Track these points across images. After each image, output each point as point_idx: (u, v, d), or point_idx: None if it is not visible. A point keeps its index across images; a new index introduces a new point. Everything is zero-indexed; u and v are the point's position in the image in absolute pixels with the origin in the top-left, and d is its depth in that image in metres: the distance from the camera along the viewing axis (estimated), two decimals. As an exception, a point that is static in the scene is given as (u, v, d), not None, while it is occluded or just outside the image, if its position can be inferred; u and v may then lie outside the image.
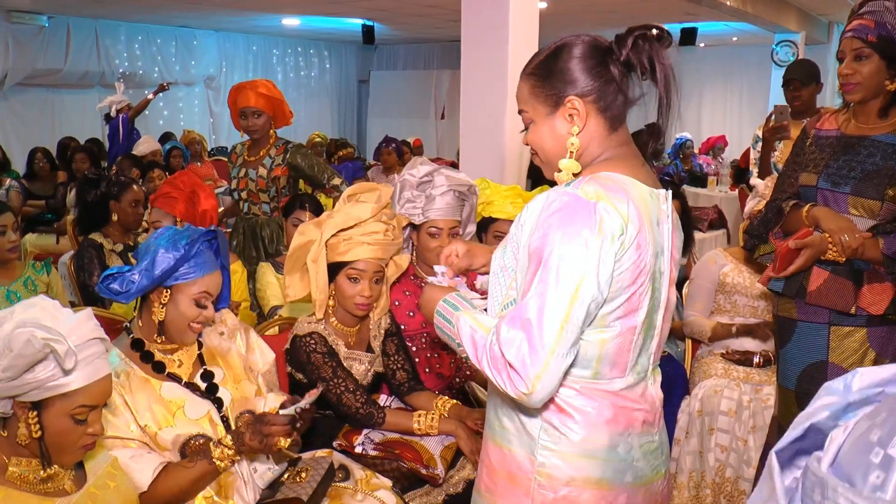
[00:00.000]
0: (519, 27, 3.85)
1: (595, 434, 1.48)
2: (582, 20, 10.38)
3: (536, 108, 1.51)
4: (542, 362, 1.34)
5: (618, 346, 1.47)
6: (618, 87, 1.47)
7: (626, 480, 1.52)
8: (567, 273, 1.35)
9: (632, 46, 1.45)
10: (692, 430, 3.20)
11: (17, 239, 3.16)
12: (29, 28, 9.62)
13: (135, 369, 1.99)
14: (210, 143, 11.33)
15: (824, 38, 10.92)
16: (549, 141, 1.52)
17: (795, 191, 2.53)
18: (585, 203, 1.37)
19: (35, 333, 1.42)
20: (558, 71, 1.47)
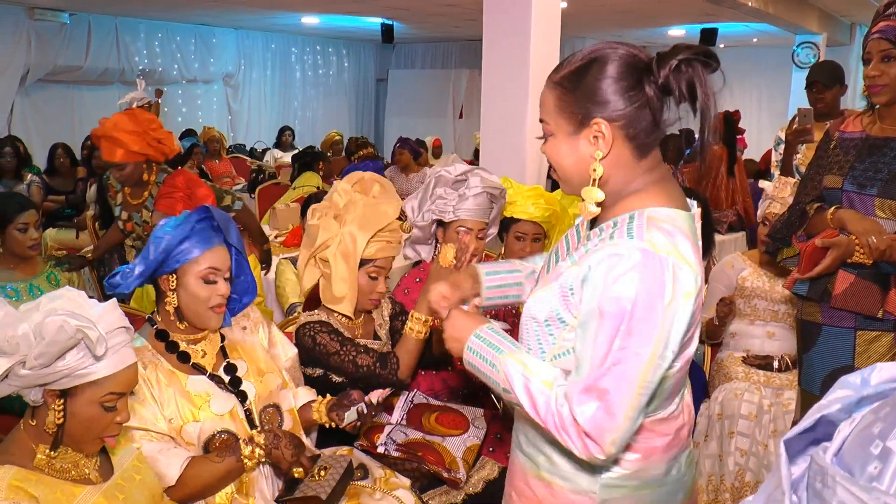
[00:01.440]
0: (541, 27, 3.84)
1: (652, 464, 1.48)
2: (602, 20, 10.33)
3: (559, 123, 1.40)
4: (618, 427, 1.30)
5: (676, 380, 1.45)
6: (651, 113, 1.35)
7: (679, 499, 1.54)
8: (645, 339, 1.28)
9: (674, 70, 1.31)
10: (711, 434, 3.18)
11: (39, 236, 3.18)
12: (51, 25, 9.70)
13: (161, 361, 2.00)
14: (228, 140, 11.38)
15: (846, 39, 10.83)
16: (568, 159, 1.41)
17: (819, 193, 2.50)
18: (659, 260, 1.29)
19: (67, 320, 1.44)
20: (588, 87, 1.35)
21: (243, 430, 2.02)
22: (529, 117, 3.84)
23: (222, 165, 8.34)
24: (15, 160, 6.34)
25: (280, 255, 4.30)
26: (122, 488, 1.68)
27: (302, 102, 13.59)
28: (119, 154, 3.45)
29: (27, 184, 6.27)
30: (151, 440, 1.89)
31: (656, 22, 10.54)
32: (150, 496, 1.74)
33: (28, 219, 3.11)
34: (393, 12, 10.21)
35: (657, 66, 1.32)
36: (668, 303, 1.28)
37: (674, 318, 1.29)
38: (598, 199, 1.38)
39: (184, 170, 3.75)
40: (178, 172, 3.54)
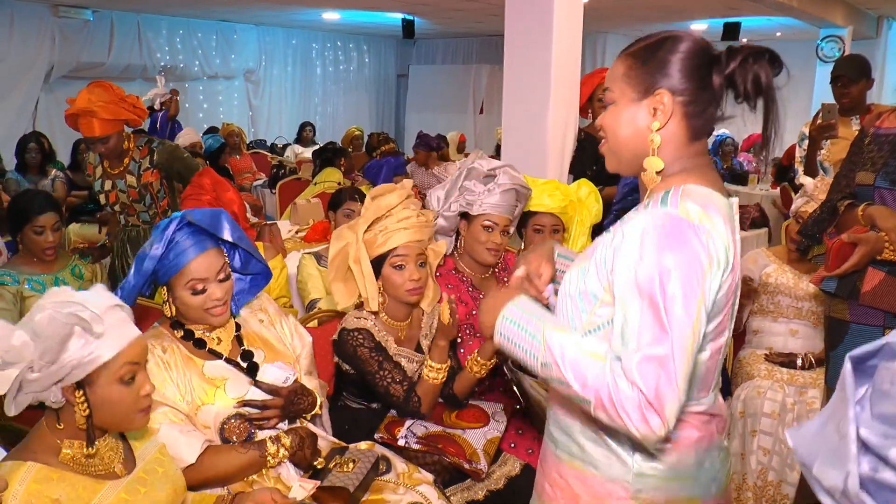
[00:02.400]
0: (563, 22, 3.81)
1: (685, 456, 1.46)
2: (624, 15, 10.27)
3: (624, 91, 1.43)
4: (677, 398, 1.28)
5: (707, 368, 1.43)
6: (712, 98, 1.40)
7: (713, 492, 1.52)
8: (689, 302, 1.27)
9: (741, 62, 1.37)
10: (734, 432, 3.15)
11: (55, 240, 3.17)
12: (74, 22, 9.78)
13: (179, 346, 2.04)
14: (249, 135, 11.43)
15: (873, 33, 10.68)
16: (625, 128, 1.44)
17: (852, 190, 2.47)
18: (692, 226, 1.30)
19: (58, 309, 1.45)
20: (659, 60, 1.39)
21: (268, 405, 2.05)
22: (551, 113, 3.83)
23: (243, 161, 8.37)
24: (39, 156, 6.41)
25: (302, 250, 4.31)
26: (145, 481, 1.69)
27: (322, 98, 13.61)
28: (99, 127, 3.55)
29: (51, 179, 6.33)
30: (173, 421, 1.91)
31: (679, 16, 10.47)
32: (173, 489, 1.75)
33: (45, 222, 3.12)
34: (414, 7, 10.20)
35: (727, 56, 1.37)
36: (705, 268, 1.29)
37: (709, 287, 1.30)
38: (659, 168, 1.41)
39: (210, 170, 3.77)
40: (205, 172, 3.52)
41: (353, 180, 6.87)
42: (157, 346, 2.00)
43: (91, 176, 3.85)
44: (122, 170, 3.74)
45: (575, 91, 4.02)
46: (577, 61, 4.01)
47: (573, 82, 3.99)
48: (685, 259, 1.28)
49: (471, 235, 2.76)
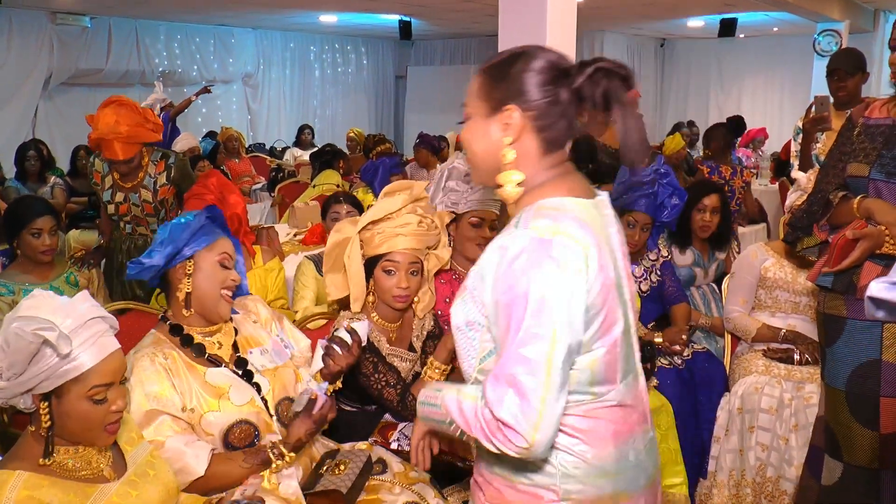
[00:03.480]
0: (557, 21, 3.81)
1: (604, 451, 1.47)
2: (619, 12, 10.26)
3: (478, 106, 1.48)
4: (537, 413, 1.30)
5: (606, 363, 1.44)
6: (562, 113, 1.42)
7: (641, 484, 1.53)
8: (541, 319, 1.31)
9: (589, 76, 1.40)
10: (732, 428, 3.15)
11: (52, 243, 3.17)
12: (72, 29, 9.81)
13: (179, 353, 2.04)
14: (248, 139, 11.43)
15: (870, 26, 10.66)
16: (479, 142, 1.48)
17: (842, 181, 2.44)
18: (543, 242, 1.34)
19: (23, 327, 1.45)
20: (510, 76, 1.43)
21: (262, 421, 2.05)
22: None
23: (242, 165, 8.38)
24: (39, 163, 6.43)
25: (300, 252, 4.31)
26: (136, 484, 1.69)
27: (321, 101, 13.62)
28: (122, 151, 3.53)
29: (51, 186, 6.35)
30: (176, 432, 1.91)
31: (675, 13, 10.46)
32: (165, 491, 1.75)
33: (42, 224, 3.13)
34: (411, 9, 10.20)
35: (576, 71, 1.41)
36: (556, 280, 1.32)
37: (569, 294, 1.33)
38: (518, 180, 1.45)
39: (217, 172, 3.77)
40: (212, 173, 3.51)
41: (352, 182, 6.87)
42: (159, 353, 2.00)
43: (98, 185, 3.80)
44: (136, 184, 3.70)
45: (570, 90, 4.02)
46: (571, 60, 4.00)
47: (568, 81, 3.99)
48: (535, 277, 1.32)
49: (460, 234, 2.78)
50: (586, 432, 1.45)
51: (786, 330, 3.26)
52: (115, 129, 3.47)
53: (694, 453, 3.21)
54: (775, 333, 3.27)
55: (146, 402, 1.92)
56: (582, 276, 1.34)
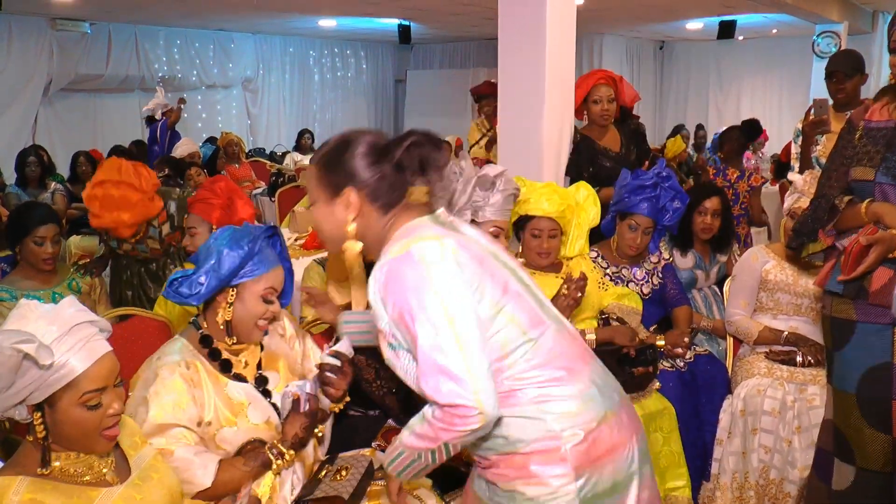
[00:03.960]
0: (556, 24, 3.82)
1: (569, 384, 1.61)
2: (619, 15, 10.27)
3: (320, 194, 1.70)
4: (471, 382, 1.46)
5: (523, 310, 1.61)
6: (391, 183, 1.65)
7: (616, 401, 1.68)
8: (430, 311, 1.49)
9: (405, 149, 1.63)
10: (735, 431, 3.15)
11: (55, 251, 3.17)
12: (72, 35, 9.82)
13: (203, 361, 2.03)
14: (248, 144, 11.43)
15: (868, 27, 10.68)
16: (327, 223, 1.71)
17: (845, 185, 2.43)
18: (401, 258, 1.54)
19: (1, 343, 1.42)
20: (341, 164, 1.66)
21: (274, 441, 2.05)
22: (546, 116, 3.83)
23: (242, 169, 8.37)
24: (39, 169, 6.43)
25: (301, 257, 4.31)
26: (140, 488, 1.68)
27: (321, 105, 13.63)
28: (129, 231, 3.46)
29: (51, 192, 6.35)
30: (187, 443, 1.91)
31: (674, 15, 10.47)
32: (169, 495, 1.74)
33: (45, 233, 3.12)
34: (409, 13, 10.21)
35: (394, 147, 1.65)
36: (424, 275, 1.51)
37: (442, 282, 1.51)
38: (357, 250, 1.69)
39: (225, 177, 3.71)
40: (220, 178, 3.47)
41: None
42: (181, 362, 1.99)
43: (105, 237, 3.70)
44: (142, 237, 3.61)
45: (570, 93, 4.03)
46: (571, 63, 4.02)
47: (568, 84, 4.00)
48: (409, 284, 1.52)
49: None
50: (547, 375, 1.59)
51: (788, 332, 3.25)
52: (118, 219, 3.40)
53: (696, 456, 3.20)
54: (777, 336, 3.26)
55: (161, 413, 1.90)
56: (448, 260, 1.53)
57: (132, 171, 3.45)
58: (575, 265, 3.24)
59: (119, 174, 3.40)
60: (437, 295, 1.50)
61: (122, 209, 3.38)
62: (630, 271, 3.44)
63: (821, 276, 2.46)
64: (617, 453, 1.62)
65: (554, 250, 3.12)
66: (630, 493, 1.64)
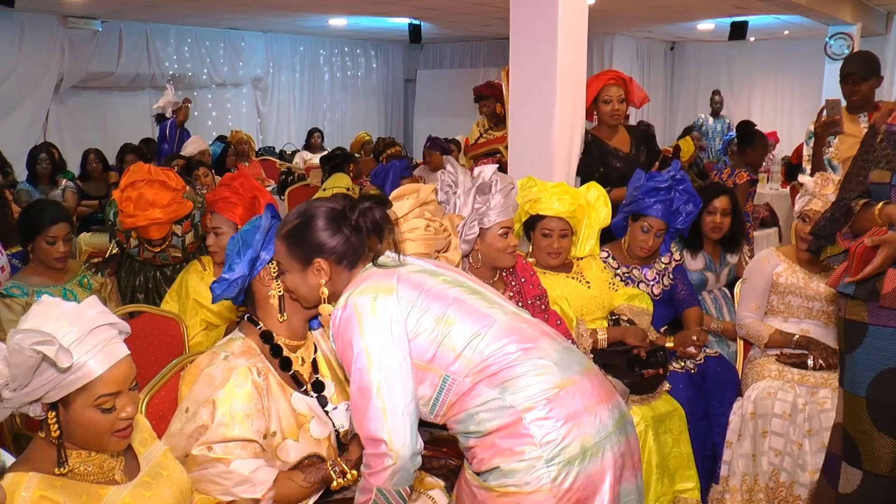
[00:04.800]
0: (568, 24, 3.82)
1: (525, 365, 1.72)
2: (630, 16, 10.25)
3: (291, 265, 1.90)
4: (387, 421, 1.69)
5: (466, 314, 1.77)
6: (353, 245, 1.87)
7: (577, 371, 1.77)
8: (358, 359, 1.72)
9: (360, 213, 1.85)
10: (745, 433, 3.14)
11: (66, 250, 3.17)
12: (83, 33, 9.86)
13: (272, 370, 2.00)
14: (258, 142, 11.46)
15: (882, 29, 10.62)
16: (302, 288, 1.92)
17: (865, 189, 2.42)
18: (342, 309, 1.78)
19: (22, 342, 1.43)
20: (305, 239, 1.86)
21: (331, 457, 2.04)
22: (557, 116, 3.82)
23: (252, 168, 8.39)
24: (50, 166, 6.46)
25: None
26: (149, 486, 1.69)
27: (331, 104, 13.63)
28: (158, 232, 3.43)
29: (62, 189, 6.38)
30: (246, 456, 1.87)
31: (686, 16, 10.43)
32: (178, 492, 1.74)
33: (57, 232, 3.12)
34: (420, 12, 10.21)
35: (350, 211, 1.87)
36: (357, 328, 1.74)
37: (370, 333, 1.72)
38: (330, 311, 1.84)
39: (243, 174, 3.68)
40: (238, 175, 3.39)
41: (362, 185, 6.88)
42: (253, 367, 1.96)
43: (122, 243, 3.62)
44: (165, 246, 3.55)
45: (581, 93, 4.02)
46: (582, 63, 4.01)
47: (579, 84, 3.99)
48: (342, 333, 1.77)
49: (488, 246, 2.69)
50: (501, 362, 1.72)
51: (799, 336, 3.24)
52: (152, 217, 3.37)
53: (706, 458, 3.19)
54: (788, 339, 3.25)
55: (230, 423, 1.86)
56: (377, 311, 1.74)
57: (161, 172, 3.47)
58: (585, 265, 3.23)
59: (149, 174, 3.41)
60: (364, 344, 1.72)
61: (156, 206, 3.37)
62: (641, 272, 3.43)
63: (833, 278, 2.46)
64: (580, 419, 1.68)
65: (564, 250, 3.11)
66: (608, 458, 1.69)
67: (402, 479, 1.73)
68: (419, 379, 1.76)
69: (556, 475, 1.63)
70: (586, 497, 1.66)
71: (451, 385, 1.74)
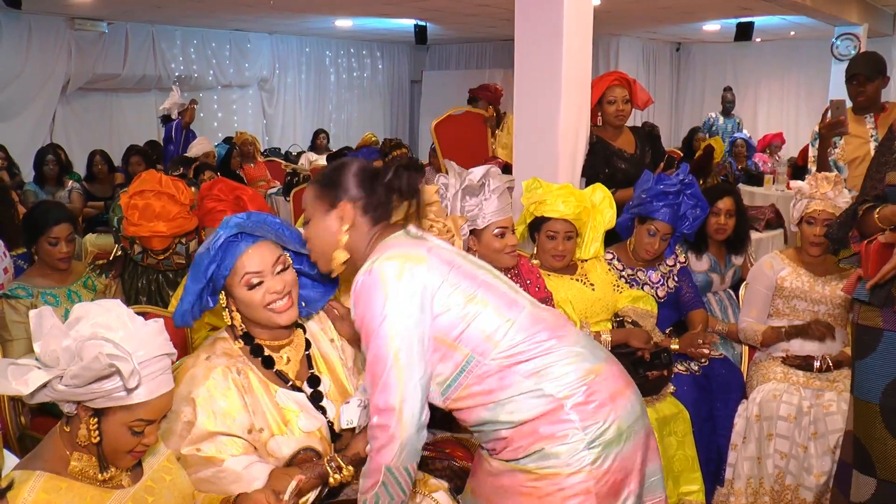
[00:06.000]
0: (573, 25, 3.81)
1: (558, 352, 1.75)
2: (636, 17, 10.24)
3: (317, 208, 1.89)
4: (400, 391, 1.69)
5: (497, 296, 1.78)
6: (381, 198, 1.88)
7: (601, 357, 1.82)
8: (381, 327, 1.70)
9: (394, 174, 1.87)
10: (750, 436, 3.13)
11: (69, 251, 3.17)
12: (89, 34, 9.88)
13: (253, 368, 1.99)
14: (263, 143, 11.47)
15: (889, 29, 10.59)
16: (322, 235, 1.88)
17: (881, 192, 2.42)
18: (367, 273, 1.74)
19: (103, 350, 1.45)
20: (338, 181, 1.88)
21: (325, 449, 2.01)
22: (562, 117, 3.82)
23: (257, 169, 8.40)
24: (57, 167, 6.48)
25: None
26: (152, 490, 1.70)
27: (336, 105, 13.63)
28: (160, 244, 3.42)
29: (68, 190, 6.41)
30: (237, 452, 1.86)
31: (691, 17, 10.41)
32: (181, 496, 1.75)
33: (59, 233, 3.12)
34: (426, 14, 10.21)
35: (384, 170, 1.89)
36: (381, 294, 1.70)
37: (394, 300, 1.69)
38: (342, 259, 1.87)
39: (221, 178, 3.68)
40: (215, 182, 3.41)
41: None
42: (232, 366, 1.95)
43: (129, 249, 3.60)
44: (169, 254, 3.55)
45: (586, 94, 4.01)
46: (587, 64, 4.00)
47: (584, 86, 3.99)
48: (366, 300, 1.72)
49: (485, 247, 2.72)
50: (533, 349, 1.73)
51: (787, 326, 3.23)
52: (155, 229, 3.35)
53: (710, 460, 3.18)
54: (778, 333, 3.25)
55: (212, 420, 1.86)
56: (403, 278, 1.71)
57: (171, 184, 3.45)
58: (590, 267, 3.22)
59: (160, 185, 3.39)
60: (386, 311, 1.69)
61: (161, 219, 3.36)
62: (645, 274, 3.42)
63: (848, 284, 2.45)
64: (616, 402, 1.74)
65: (569, 252, 3.11)
66: (638, 440, 1.76)
67: (410, 455, 1.73)
68: (441, 356, 1.75)
69: (596, 458, 1.68)
70: (622, 478, 1.72)
71: (474, 367, 1.73)
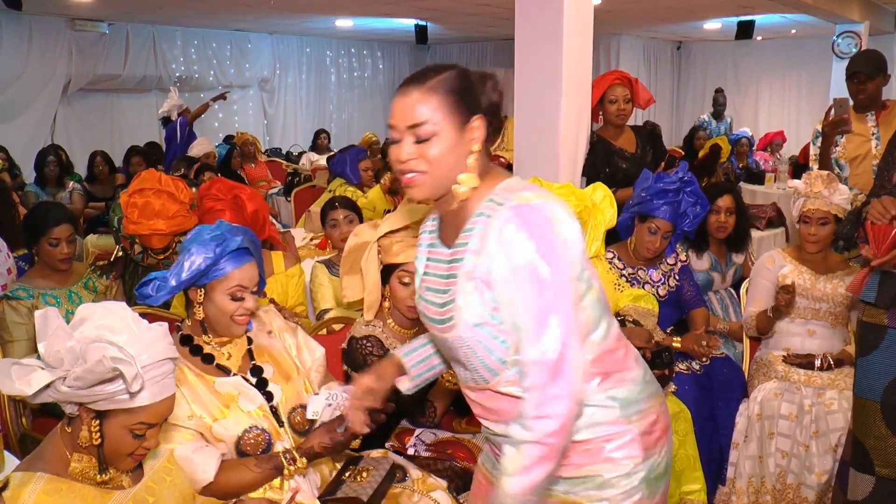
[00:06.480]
0: (573, 24, 3.80)
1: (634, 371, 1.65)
2: (636, 16, 10.23)
3: (450, 122, 1.52)
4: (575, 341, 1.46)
5: (602, 291, 1.62)
6: (494, 109, 1.59)
7: (655, 391, 1.70)
8: (554, 270, 1.43)
9: (492, 87, 1.61)
10: (751, 435, 3.12)
11: (70, 251, 3.18)
12: (90, 35, 9.89)
13: (187, 364, 2.04)
14: (264, 144, 11.47)
15: (890, 27, 10.57)
16: (449, 156, 1.53)
17: (890, 190, 2.42)
18: (533, 208, 1.46)
19: (107, 353, 1.45)
20: (471, 89, 1.56)
21: (273, 428, 2.05)
22: (562, 117, 3.81)
23: (258, 169, 8.40)
24: (58, 168, 6.49)
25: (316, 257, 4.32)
26: (153, 490, 1.70)
27: (337, 105, 13.64)
28: (159, 242, 3.45)
29: (69, 191, 6.41)
30: (185, 440, 1.92)
31: (692, 16, 10.41)
32: (181, 497, 1.76)
33: (60, 234, 3.13)
34: (426, 13, 10.21)
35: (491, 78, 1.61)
36: (555, 234, 1.45)
37: (567, 244, 1.47)
38: (475, 185, 1.55)
39: (219, 178, 3.68)
40: (213, 182, 3.43)
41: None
42: None
43: (128, 249, 3.65)
44: (170, 253, 3.60)
45: (586, 94, 4.01)
46: (588, 64, 4.00)
47: (585, 85, 3.98)
48: (540, 240, 1.43)
49: None
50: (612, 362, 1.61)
51: (771, 307, 3.23)
52: (154, 227, 3.39)
53: (712, 459, 3.18)
54: (765, 315, 3.26)
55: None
56: (575, 222, 1.50)
57: (171, 182, 3.48)
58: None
59: (160, 184, 3.42)
60: (561, 255, 1.45)
61: (160, 217, 3.39)
62: (646, 273, 3.42)
63: (854, 284, 2.44)
64: (669, 434, 1.69)
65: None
66: (671, 470, 1.70)
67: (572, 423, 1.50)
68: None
69: (650, 494, 1.62)
70: None
71: None
